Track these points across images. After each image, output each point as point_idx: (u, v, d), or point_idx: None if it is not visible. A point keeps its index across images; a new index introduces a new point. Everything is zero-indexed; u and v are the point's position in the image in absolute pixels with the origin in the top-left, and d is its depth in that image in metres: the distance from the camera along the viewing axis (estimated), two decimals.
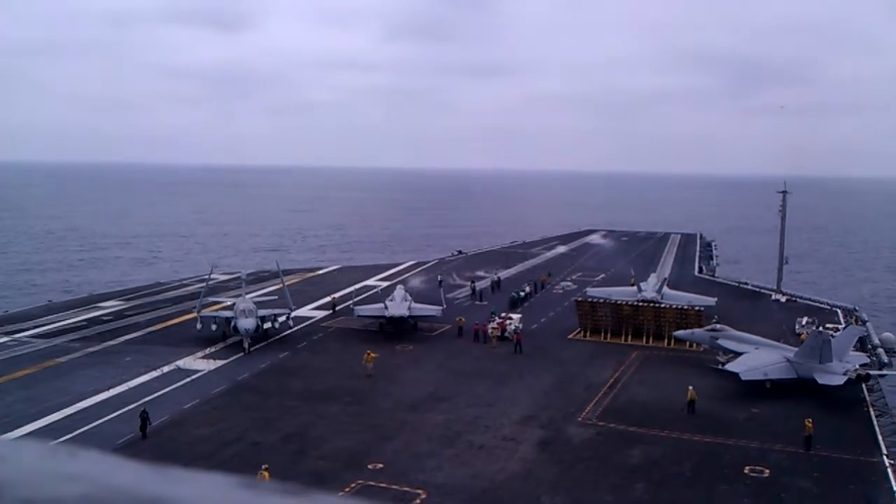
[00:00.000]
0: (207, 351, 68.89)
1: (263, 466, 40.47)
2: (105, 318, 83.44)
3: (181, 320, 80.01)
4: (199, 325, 73.50)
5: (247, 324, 68.80)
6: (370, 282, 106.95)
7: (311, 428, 50.18)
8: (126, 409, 52.86)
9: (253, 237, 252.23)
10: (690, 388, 55.33)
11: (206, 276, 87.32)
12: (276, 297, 80.00)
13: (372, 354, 64.07)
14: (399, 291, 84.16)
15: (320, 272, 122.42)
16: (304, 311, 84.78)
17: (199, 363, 65.31)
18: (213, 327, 72.94)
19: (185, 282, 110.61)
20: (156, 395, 56.50)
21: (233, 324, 70.38)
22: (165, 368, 63.24)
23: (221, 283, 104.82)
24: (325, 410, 53.80)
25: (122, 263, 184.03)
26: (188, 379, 61.07)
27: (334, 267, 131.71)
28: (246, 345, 68.37)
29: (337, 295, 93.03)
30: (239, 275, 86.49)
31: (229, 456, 45.33)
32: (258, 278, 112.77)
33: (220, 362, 65.26)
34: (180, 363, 64.92)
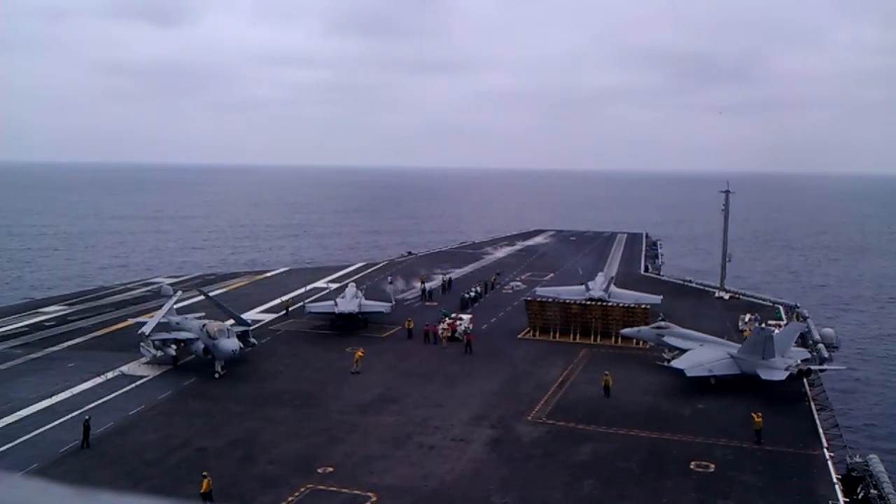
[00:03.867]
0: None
1: (203, 474, 39.80)
2: (47, 323, 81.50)
3: (126, 325, 78.30)
4: (152, 351, 65.07)
5: (232, 344, 61.63)
6: (319, 283, 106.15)
7: (259, 433, 49.62)
8: (70, 416, 51.73)
9: (196, 238, 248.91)
10: (606, 373, 59.17)
11: (171, 295, 77.17)
12: (204, 313, 73.44)
13: (360, 352, 64.78)
14: (350, 289, 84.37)
15: (268, 274, 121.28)
16: (252, 314, 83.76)
17: (143, 369, 64.10)
18: (173, 349, 64.73)
19: (129, 286, 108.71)
20: (100, 401, 55.38)
21: (199, 347, 62.95)
22: (110, 374, 61.97)
23: (168, 286, 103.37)
24: (274, 415, 53.26)
25: (61, 266, 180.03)
26: (133, 385, 59.90)
27: (282, 269, 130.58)
28: (219, 368, 61.60)
29: (287, 297, 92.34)
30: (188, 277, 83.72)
31: (175, 463, 44.63)
32: (205, 281, 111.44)
33: (165, 367, 64.08)
34: (125, 369, 63.67)
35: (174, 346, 65.17)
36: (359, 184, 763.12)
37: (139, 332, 67.11)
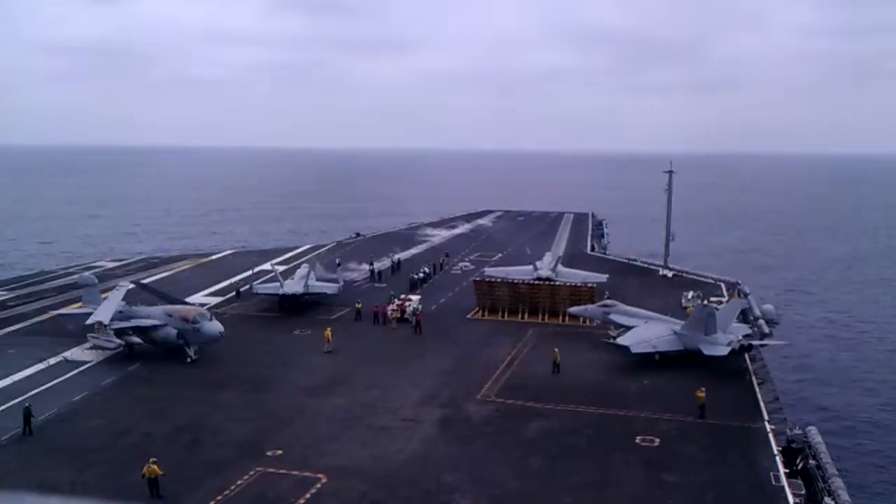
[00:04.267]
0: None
1: (151, 460, 38.72)
2: None
3: (68, 311, 76.58)
4: (115, 341, 61.40)
5: (218, 327, 61.69)
6: (266, 266, 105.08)
7: (206, 417, 49.13)
8: (10, 403, 50.67)
9: (138, 221, 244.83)
10: (555, 350, 60.09)
11: (95, 284, 73.97)
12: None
13: (329, 331, 66.03)
14: (302, 270, 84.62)
15: (214, 257, 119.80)
16: (198, 298, 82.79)
17: (87, 354, 62.87)
18: (135, 338, 62.72)
19: (70, 270, 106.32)
20: (43, 387, 54.34)
21: (170, 333, 61.45)
22: (52, 360, 60.75)
23: (109, 270, 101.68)
24: (222, 399, 52.75)
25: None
26: (76, 371, 58.86)
27: (228, 251, 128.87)
28: (192, 353, 61.22)
29: (237, 279, 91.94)
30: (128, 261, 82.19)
31: (121, 448, 44.02)
32: (149, 264, 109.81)
33: (109, 353, 62.81)
34: (68, 354, 62.43)
35: (133, 335, 62.86)
36: (306, 165, 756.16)
37: (92, 321, 62.58)
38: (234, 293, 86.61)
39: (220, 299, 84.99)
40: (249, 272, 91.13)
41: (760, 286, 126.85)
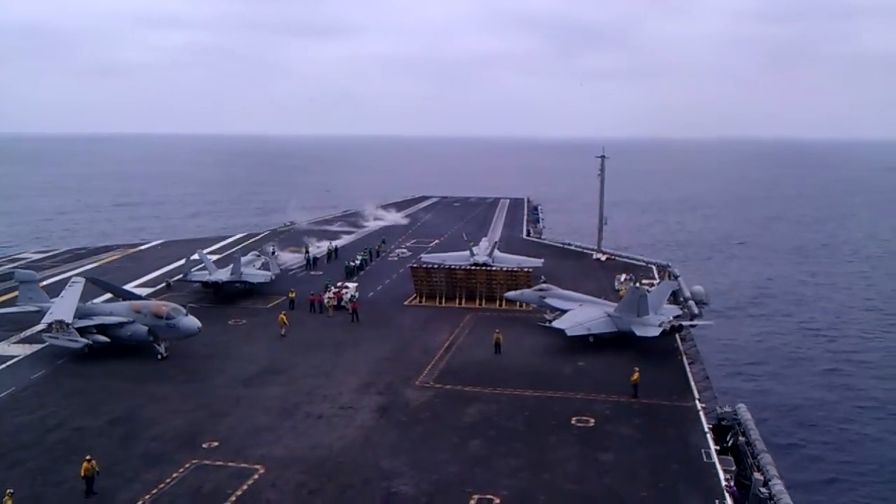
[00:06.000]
0: (23, 335, 64.43)
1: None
2: None
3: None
4: (81, 340, 57.90)
5: (195, 322, 59.04)
6: (197, 256, 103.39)
7: (140, 410, 48.24)
8: None
9: (63, 211, 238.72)
10: (497, 331, 61.53)
11: (35, 280, 70.02)
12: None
13: (284, 315, 67.27)
14: (248, 256, 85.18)
15: (143, 247, 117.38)
16: (128, 289, 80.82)
17: (14, 348, 61.13)
18: (99, 336, 59.20)
19: None
20: None
21: (139, 329, 58.91)
22: None
23: (35, 262, 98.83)
24: (156, 391, 51.79)
25: None
26: (3, 365, 57.15)
27: (157, 241, 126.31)
28: (163, 349, 58.98)
29: (170, 268, 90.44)
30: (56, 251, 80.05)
31: (52, 443, 43.02)
32: (75, 255, 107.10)
33: (36, 346, 61.14)
34: None
35: (96, 333, 59.70)
36: (240, 152, 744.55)
37: (50, 320, 59.48)
38: (164, 284, 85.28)
39: (151, 290, 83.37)
40: (184, 260, 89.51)
41: (691, 267, 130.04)
